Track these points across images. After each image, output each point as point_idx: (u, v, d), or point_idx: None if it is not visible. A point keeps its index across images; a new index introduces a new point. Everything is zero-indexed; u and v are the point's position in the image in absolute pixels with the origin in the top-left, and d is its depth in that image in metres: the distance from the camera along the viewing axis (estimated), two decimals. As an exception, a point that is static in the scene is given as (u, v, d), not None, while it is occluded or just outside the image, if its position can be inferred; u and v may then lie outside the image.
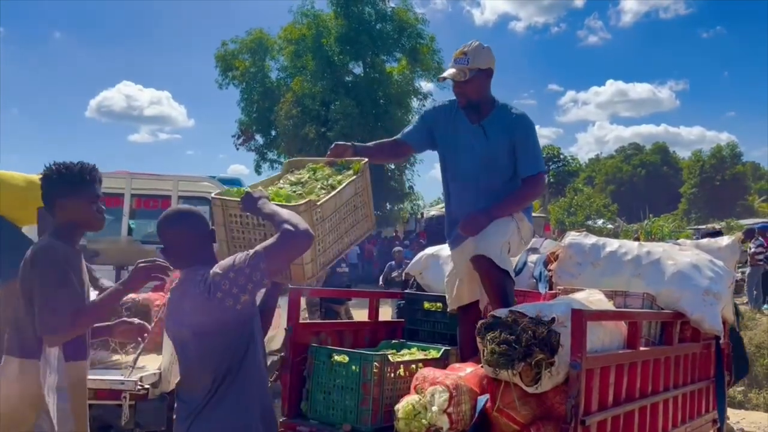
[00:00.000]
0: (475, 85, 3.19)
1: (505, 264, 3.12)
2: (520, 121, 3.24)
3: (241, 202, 2.47)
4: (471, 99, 3.22)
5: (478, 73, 3.17)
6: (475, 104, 3.23)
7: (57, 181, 2.45)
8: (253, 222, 2.59)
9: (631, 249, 3.69)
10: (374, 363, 2.91)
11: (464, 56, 3.18)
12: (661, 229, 24.40)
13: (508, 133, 3.20)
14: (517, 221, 3.24)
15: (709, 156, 49.45)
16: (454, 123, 3.30)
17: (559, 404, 2.55)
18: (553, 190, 43.56)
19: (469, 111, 3.26)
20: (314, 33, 25.05)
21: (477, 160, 3.24)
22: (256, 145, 28.38)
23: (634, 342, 2.99)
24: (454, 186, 3.37)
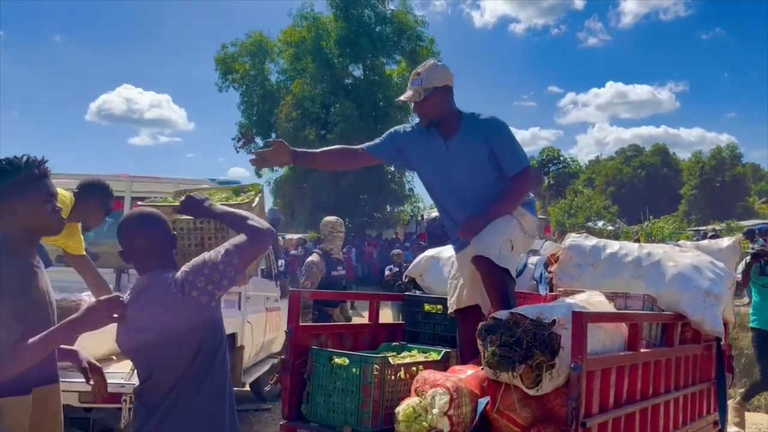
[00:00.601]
0: (433, 104, 3.22)
1: (505, 262, 3.12)
2: (492, 125, 3.27)
3: (183, 206, 2.37)
4: (432, 118, 3.26)
5: (433, 91, 3.20)
6: (437, 122, 3.27)
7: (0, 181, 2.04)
8: (189, 227, 2.55)
9: (632, 250, 3.69)
10: (375, 366, 2.91)
11: (418, 77, 3.23)
12: (661, 230, 24.37)
13: (483, 141, 3.23)
14: (517, 218, 3.25)
15: (709, 157, 49.48)
16: (426, 144, 3.33)
17: (559, 406, 2.55)
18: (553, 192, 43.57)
19: (438, 129, 3.29)
20: (314, 36, 25.10)
21: (457, 176, 3.27)
22: (256, 147, 28.38)
23: (635, 344, 2.98)
24: (444, 200, 3.40)
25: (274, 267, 6.68)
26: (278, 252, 7.11)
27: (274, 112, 25.20)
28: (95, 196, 3.65)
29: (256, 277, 5.95)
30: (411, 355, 3.38)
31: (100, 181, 3.76)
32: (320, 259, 5.95)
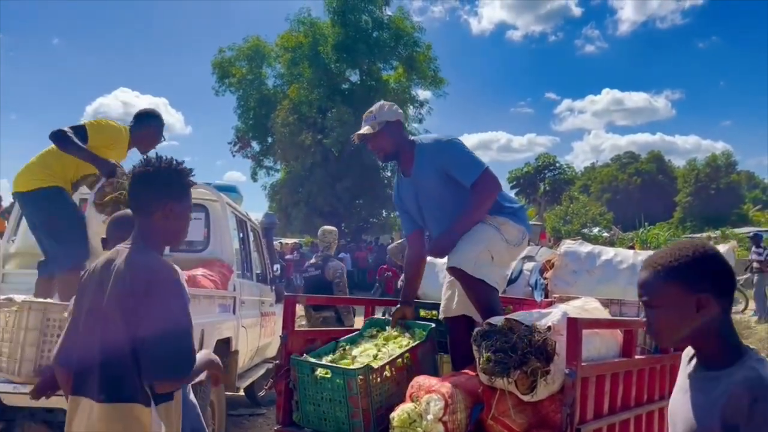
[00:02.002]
0: (385, 137, 3.39)
1: (481, 273, 3.11)
2: (437, 147, 3.34)
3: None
4: (387, 151, 3.44)
5: (386, 125, 3.38)
6: (393, 155, 3.45)
7: (171, 179, 2.05)
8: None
9: (627, 257, 3.71)
10: (358, 377, 2.87)
11: (371, 114, 3.47)
12: (656, 237, 24.45)
13: (435, 167, 3.30)
14: (496, 226, 3.22)
15: (704, 165, 49.71)
16: (402, 187, 3.52)
17: (554, 412, 2.55)
18: (549, 199, 43.65)
19: (399, 163, 3.47)
20: (311, 41, 25.13)
21: (430, 205, 3.38)
22: (253, 152, 28.40)
23: (630, 350, 2.98)
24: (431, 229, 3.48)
25: (270, 271, 6.67)
26: (274, 256, 7.09)
27: (271, 116, 25.18)
28: (153, 123, 4.22)
29: (252, 282, 5.94)
30: (394, 336, 3.36)
31: (156, 111, 4.34)
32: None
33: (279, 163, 27.37)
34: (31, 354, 3.28)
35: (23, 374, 3.28)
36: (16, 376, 3.27)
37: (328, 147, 24.13)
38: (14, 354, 3.25)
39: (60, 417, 3.51)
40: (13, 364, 3.26)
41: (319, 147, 24.24)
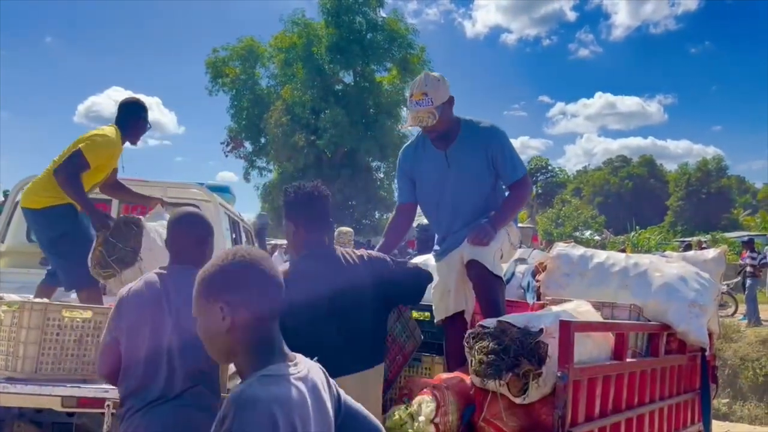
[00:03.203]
0: (444, 120, 3.20)
1: (498, 270, 3.18)
2: (492, 133, 3.29)
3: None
4: (440, 132, 3.26)
5: (443, 108, 3.18)
6: (444, 134, 3.27)
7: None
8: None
9: (619, 260, 3.71)
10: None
11: (425, 97, 3.15)
12: (647, 241, 24.59)
13: (483, 149, 3.25)
14: (506, 227, 3.29)
15: (695, 169, 50.00)
16: (423, 158, 3.37)
17: (546, 415, 2.55)
18: (541, 201, 43.83)
19: (437, 140, 3.30)
20: (305, 41, 25.11)
21: (456, 185, 3.29)
22: (245, 152, 28.34)
23: (621, 353, 2.99)
24: (439, 211, 3.41)
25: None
26: (266, 257, 7.07)
27: (264, 117, 25.15)
28: (139, 112, 4.17)
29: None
30: None
31: (137, 99, 4.29)
32: None
33: (272, 164, 27.33)
34: (33, 352, 3.39)
35: (25, 372, 3.39)
36: (18, 374, 3.36)
37: (321, 148, 24.12)
38: (16, 352, 3.37)
39: (49, 417, 3.50)
40: (15, 361, 3.38)
41: (312, 148, 24.23)
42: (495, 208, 3.33)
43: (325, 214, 2.57)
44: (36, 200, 3.95)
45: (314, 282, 2.33)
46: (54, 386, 3.42)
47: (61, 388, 3.42)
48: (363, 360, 2.46)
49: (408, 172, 3.46)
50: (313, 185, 2.53)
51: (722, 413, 9.22)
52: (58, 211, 3.90)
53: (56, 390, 3.40)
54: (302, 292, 2.26)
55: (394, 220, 3.57)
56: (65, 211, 3.91)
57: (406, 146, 3.56)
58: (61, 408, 3.44)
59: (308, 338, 2.20)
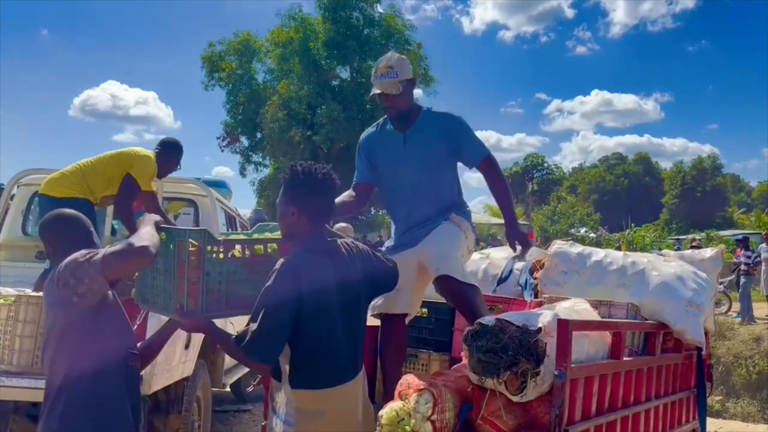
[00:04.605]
0: (405, 97, 3.24)
1: (469, 278, 3.13)
2: (452, 117, 3.31)
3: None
4: (401, 110, 3.26)
5: (406, 84, 3.23)
6: (405, 115, 3.27)
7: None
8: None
9: (617, 259, 3.72)
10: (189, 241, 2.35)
11: (391, 70, 3.20)
12: (642, 238, 24.64)
13: (442, 133, 3.26)
14: (464, 231, 3.25)
15: (690, 167, 50.13)
16: (384, 140, 3.35)
17: (543, 413, 2.56)
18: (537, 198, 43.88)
19: (397, 122, 3.30)
20: (301, 36, 25.05)
21: (413, 169, 3.26)
22: (241, 147, 28.27)
23: (618, 352, 3.00)
24: (392, 197, 3.39)
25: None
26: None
27: (260, 112, 25.09)
28: (178, 154, 4.63)
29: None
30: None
31: (178, 142, 4.70)
32: None
33: (268, 159, 27.27)
34: (29, 345, 3.41)
35: (21, 365, 3.41)
36: (14, 367, 3.38)
37: (318, 144, 24.08)
38: (12, 345, 3.40)
39: None
40: (11, 354, 3.40)
41: (309, 143, 24.19)
42: (452, 199, 3.34)
43: (333, 206, 2.38)
44: (60, 190, 4.15)
45: (325, 278, 2.21)
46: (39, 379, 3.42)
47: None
48: (360, 357, 2.44)
49: (366, 153, 3.40)
50: (327, 170, 2.32)
51: (715, 410, 9.25)
52: (78, 204, 3.97)
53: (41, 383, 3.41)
54: (315, 289, 2.17)
55: (344, 197, 3.39)
56: (84, 205, 4.03)
57: (368, 129, 3.53)
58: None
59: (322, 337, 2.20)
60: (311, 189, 2.26)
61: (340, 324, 2.26)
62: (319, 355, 2.19)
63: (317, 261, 2.21)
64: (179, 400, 3.99)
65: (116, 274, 2.12)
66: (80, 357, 2.08)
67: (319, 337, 2.19)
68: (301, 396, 2.18)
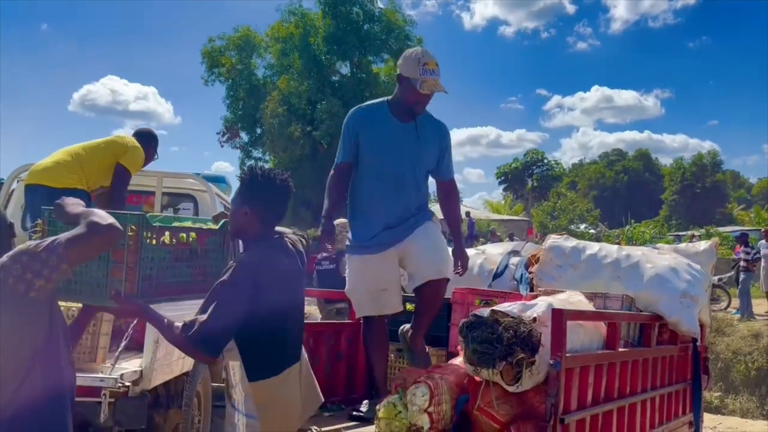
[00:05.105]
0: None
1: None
2: (446, 129, 3.50)
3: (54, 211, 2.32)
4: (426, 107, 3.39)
5: None
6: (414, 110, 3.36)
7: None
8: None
9: (611, 252, 3.74)
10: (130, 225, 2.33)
11: (438, 68, 3.28)
12: (642, 234, 24.65)
13: (438, 138, 3.42)
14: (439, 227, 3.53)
15: (690, 164, 50.08)
16: (384, 123, 3.37)
17: (539, 403, 2.58)
18: (537, 194, 43.87)
19: (405, 114, 3.35)
20: (301, 32, 25.00)
21: (407, 157, 3.34)
22: (241, 142, 28.23)
23: (613, 343, 3.03)
24: (379, 185, 3.37)
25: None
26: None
27: (260, 107, 25.05)
28: (153, 145, 4.62)
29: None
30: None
31: (152, 132, 4.71)
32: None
33: (268, 155, 27.24)
34: None
35: None
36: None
37: (318, 139, 24.05)
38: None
39: None
40: None
41: (308, 139, 24.15)
42: (425, 198, 3.55)
43: (285, 212, 2.42)
44: (60, 180, 4.06)
45: (279, 273, 2.27)
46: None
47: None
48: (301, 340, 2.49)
49: (356, 132, 3.39)
50: (285, 176, 2.37)
51: (714, 406, 9.28)
52: (79, 195, 3.95)
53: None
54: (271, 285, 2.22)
55: (338, 181, 3.44)
56: (82, 196, 3.95)
57: (358, 108, 3.53)
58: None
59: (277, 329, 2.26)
60: (268, 193, 2.31)
61: (290, 314, 2.34)
62: (274, 345, 2.25)
63: (272, 257, 2.26)
64: (179, 395, 4.00)
65: (82, 258, 2.07)
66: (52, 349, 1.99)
67: (274, 329, 2.24)
68: (259, 387, 2.21)
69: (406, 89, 3.28)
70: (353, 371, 3.73)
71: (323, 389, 3.52)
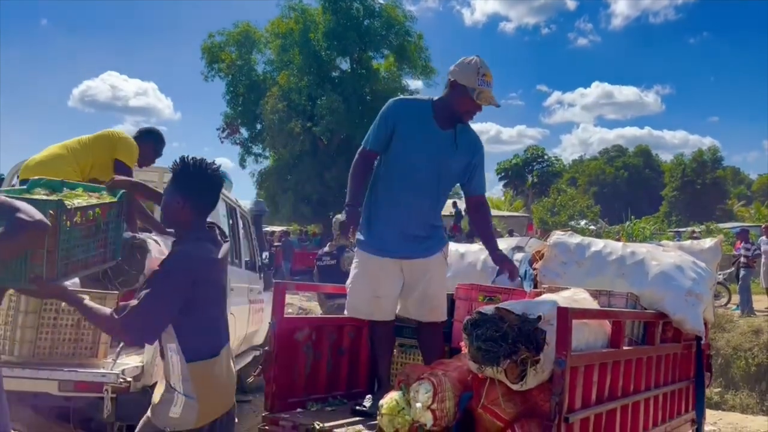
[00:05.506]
0: None
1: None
2: (481, 144, 3.45)
3: None
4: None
5: None
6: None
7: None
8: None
9: (616, 249, 3.72)
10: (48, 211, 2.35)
11: (492, 81, 3.26)
12: (642, 231, 24.64)
13: (472, 152, 3.35)
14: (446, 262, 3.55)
15: (690, 160, 50.07)
16: (424, 125, 3.28)
17: (543, 401, 2.56)
18: (537, 190, 43.86)
19: (446, 121, 3.29)
20: (301, 27, 24.92)
21: (436, 167, 3.28)
22: (241, 138, 28.17)
23: (618, 341, 3.01)
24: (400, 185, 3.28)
25: (259, 259, 6.65)
26: (263, 244, 7.07)
27: (260, 103, 24.99)
28: (156, 144, 4.64)
29: (240, 269, 5.91)
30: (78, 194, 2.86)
31: (158, 131, 4.73)
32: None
33: (268, 151, 27.20)
34: (30, 336, 3.41)
35: (23, 356, 3.42)
36: (15, 358, 3.39)
37: (318, 135, 24.00)
38: (13, 336, 3.40)
39: (46, 402, 3.50)
40: (12, 345, 3.41)
41: (309, 135, 24.11)
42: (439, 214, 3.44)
43: (217, 201, 2.47)
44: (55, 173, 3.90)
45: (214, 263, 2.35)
46: (51, 370, 3.42)
47: (59, 372, 3.43)
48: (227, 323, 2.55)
49: (395, 123, 3.27)
50: (216, 167, 2.39)
51: (714, 402, 9.28)
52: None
53: (53, 374, 3.41)
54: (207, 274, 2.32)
55: (364, 168, 3.35)
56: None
57: (402, 100, 3.44)
58: (58, 392, 3.45)
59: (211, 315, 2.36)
60: (200, 183, 2.34)
61: (222, 300, 2.44)
62: (209, 329, 2.35)
63: (207, 248, 2.33)
64: (180, 390, 4.00)
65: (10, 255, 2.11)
66: None
67: (209, 315, 2.35)
68: (196, 368, 2.27)
69: (461, 96, 3.21)
70: (355, 366, 3.72)
71: (326, 384, 3.56)
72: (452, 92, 3.25)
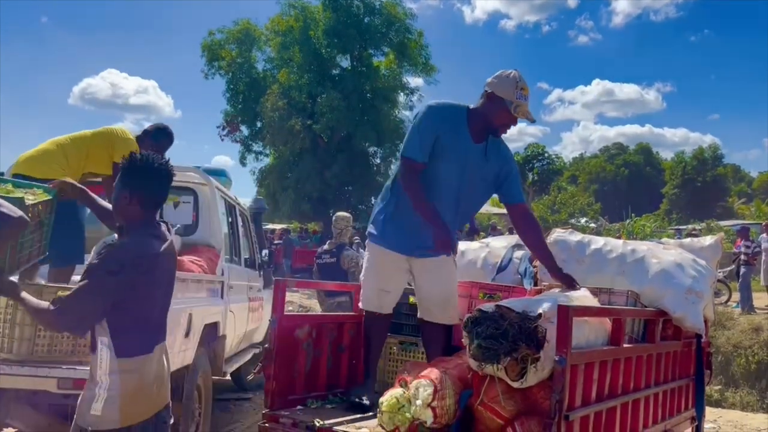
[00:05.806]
0: None
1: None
2: (511, 154, 3.46)
3: None
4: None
5: None
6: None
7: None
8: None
9: (616, 247, 3.71)
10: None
11: (529, 96, 3.26)
12: (642, 228, 24.63)
13: (502, 162, 3.34)
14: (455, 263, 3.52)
15: (691, 158, 50.02)
16: (459, 135, 3.25)
17: (543, 399, 2.56)
18: (537, 188, 43.80)
19: (480, 130, 3.27)
20: (302, 25, 24.89)
21: (466, 182, 3.27)
22: (242, 136, 28.15)
23: (618, 339, 3.00)
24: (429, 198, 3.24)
25: (258, 256, 6.64)
26: (263, 241, 7.07)
27: (260, 100, 24.96)
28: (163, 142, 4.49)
29: (240, 267, 5.91)
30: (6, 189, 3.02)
31: (167, 128, 4.61)
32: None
33: (268, 148, 27.19)
34: (29, 334, 3.41)
35: (21, 354, 3.41)
36: (14, 355, 3.38)
37: (318, 133, 23.99)
38: (12, 334, 3.39)
39: (45, 399, 3.50)
40: (10, 343, 3.40)
41: (309, 132, 24.09)
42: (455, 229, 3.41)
43: (165, 195, 2.44)
44: (40, 169, 4.00)
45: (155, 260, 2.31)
46: (50, 368, 3.42)
47: (57, 369, 3.42)
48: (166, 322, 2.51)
49: (435, 132, 3.19)
50: (164, 161, 2.38)
51: (714, 400, 9.28)
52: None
53: (52, 372, 3.41)
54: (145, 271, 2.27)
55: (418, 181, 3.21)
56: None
57: (440, 106, 3.31)
58: (57, 390, 3.45)
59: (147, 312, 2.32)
60: (146, 177, 2.33)
61: (160, 298, 2.40)
62: (144, 326, 2.32)
63: (149, 244, 2.30)
64: (179, 388, 4.01)
65: None
66: None
67: (146, 312, 2.32)
68: (125, 364, 2.24)
69: (498, 109, 3.20)
70: (355, 364, 3.72)
71: (326, 381, 3.56)
72: (489, 104, 3.24)
